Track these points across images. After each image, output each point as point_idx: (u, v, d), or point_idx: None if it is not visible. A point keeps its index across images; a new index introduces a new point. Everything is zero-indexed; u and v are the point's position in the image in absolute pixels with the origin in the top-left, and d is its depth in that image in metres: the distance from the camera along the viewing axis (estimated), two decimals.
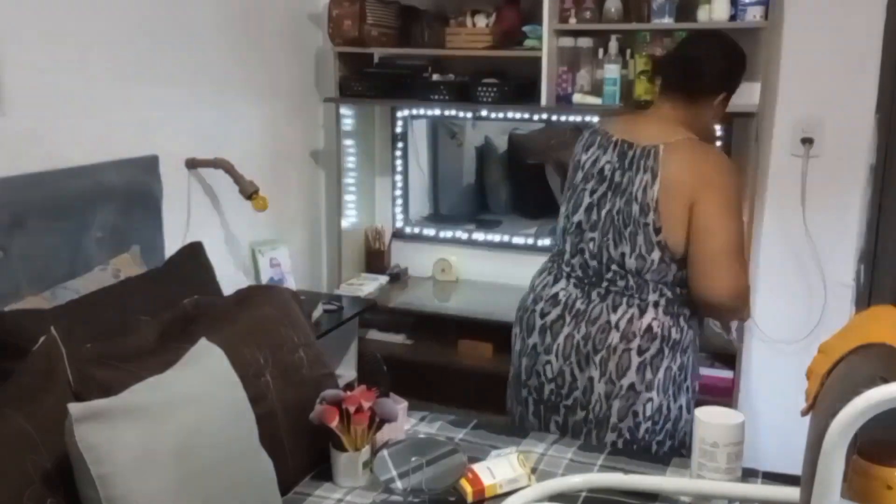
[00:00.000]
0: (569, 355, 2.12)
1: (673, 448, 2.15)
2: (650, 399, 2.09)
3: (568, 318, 2.14)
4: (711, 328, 2.85)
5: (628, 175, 2.07)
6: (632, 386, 2.08)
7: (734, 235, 2.02)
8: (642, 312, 2.07)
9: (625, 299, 2.09)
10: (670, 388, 2.11)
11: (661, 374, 2.09)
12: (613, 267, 2.10)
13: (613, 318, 2.08)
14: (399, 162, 3.47)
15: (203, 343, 1.66)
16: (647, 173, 2.04)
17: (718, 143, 2.92)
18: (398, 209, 3.51)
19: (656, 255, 2.05)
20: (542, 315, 2.18)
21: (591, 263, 2.14)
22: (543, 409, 2.20)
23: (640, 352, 2.07)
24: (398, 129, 3.44)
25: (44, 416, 1.40)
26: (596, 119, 2.97)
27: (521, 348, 2.25)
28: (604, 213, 2.11)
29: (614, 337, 2.08)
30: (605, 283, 2.12)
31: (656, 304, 2.08)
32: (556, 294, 2.18)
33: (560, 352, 2.13)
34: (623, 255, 2.08)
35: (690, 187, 2.00)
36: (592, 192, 2.14)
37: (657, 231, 2.03)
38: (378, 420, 1.87)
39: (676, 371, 2.11)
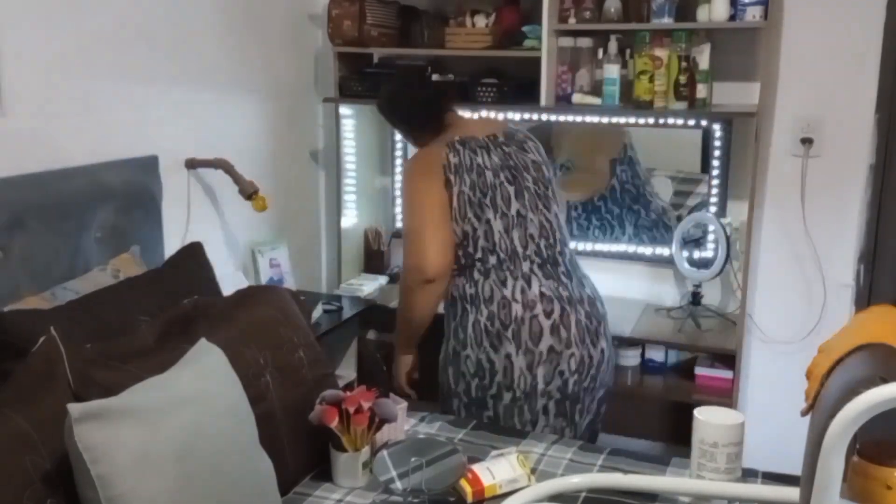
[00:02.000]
0: (583, 338, 2.26)
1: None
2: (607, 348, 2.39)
3: (569, 308, 2.25)
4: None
5: (516, 154, 2.35)
6: (611, 342, 2.39)
7: None
8: (588, 278, 2.40)
9: (577, 272, 2.36)
10: None
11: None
12: (557, 235, 2.33)
13: (586, 291, 2.33)
14: (399, 162, 3.46)
15: (203, 343, 1.66)
16: (528, 141, 2.41)
17: (718, 143, 2.93)
18: (398, 209, 3.51)
19: (560, 200, 2.43)
20: (548, 315, 2.22)
21: (541, 244, 2.30)
22: (568, 405, 2.26)
23: (604, 311, 2.39)
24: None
25: (43, 416, 1.40)
26: (596, 119, 2.98)
27: (530, 361, 2.21)
28: (526, 193, 2.31)
29: (599, 305, 2.36)
30: (558, 257, 2.32)
31: (586, 275, 2.41)
32: (542, 292, 2.25)
33: (577, 340, 2.24)
34: (556, 214, 2.36)
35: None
36: (509, 182, 2.31)
37: (554, 176, 2.43)
38: (378, 420, 1.87)
39: None
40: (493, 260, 2.26)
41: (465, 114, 2.66)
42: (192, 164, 2.68)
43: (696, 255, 3.00)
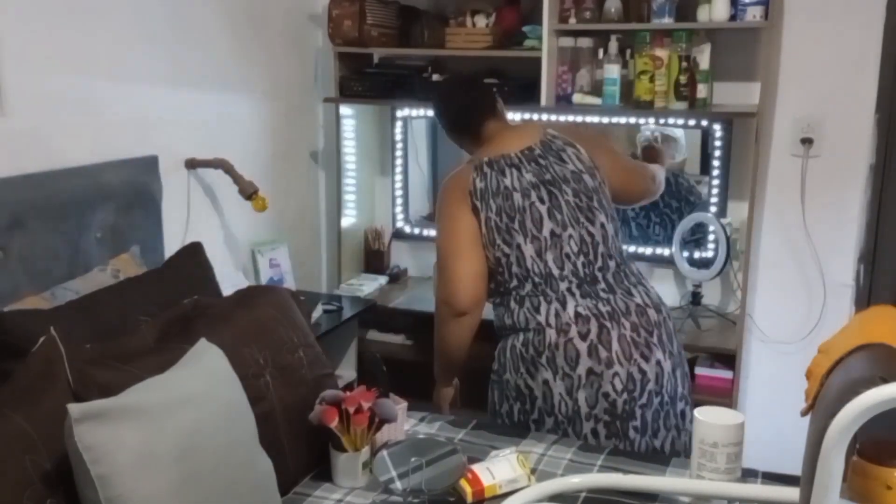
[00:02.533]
0: (630, 355, 2.12)
1: None
2: (684, 357, 2.29)
3: (609, 325, 2.13)
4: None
5: (553, 166, 2.22)
6: (680, 350, 2.25)
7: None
8: (644, 285, 2.26)
9: (625, 280, 2.22)
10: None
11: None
12: (600, 249, 2.20)
13: (636, 300, 2.19)
14: (399, 162, 3.46)
15: (203, 343, 1.66)
16: (568, 148, 2.25)
17: (718, 143, 2.93)
18: (398, 209, 3.51)
19: (613, 209, 2.28)
20: (584, 337, 2.12)
21: (578, 263, 2.18)
22: (619, 423, 2.14)
23: (670, 316, 2.25)
24: (398, 129, 3.44)
25: (43, 416, 1.40)
26: (596, 119, 2.98)
27: (569, 385, 2.13)
28: (564, 207, 2.19)
29: (652, 313, 2.18)
30: (598, 273, 2.19)
31: (642, 279, 2.29)
32: (578, 313, 2.14)
33: (622, 357, 2.12)
34: (602, 225, 2.21)
35: (588, 148, 2.30)
36: (542, 200, 2.19)
37: (604, 183, 2.28)
38: (378, 420, 1.87)
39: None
40: (528, 286, 2.18)
41: (512, 117, 2.55)
42: (192, 164, 2.68)
43: (696, 255, 3.00)
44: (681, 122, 2.90)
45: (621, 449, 2.11)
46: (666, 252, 3.07)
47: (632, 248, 3.14)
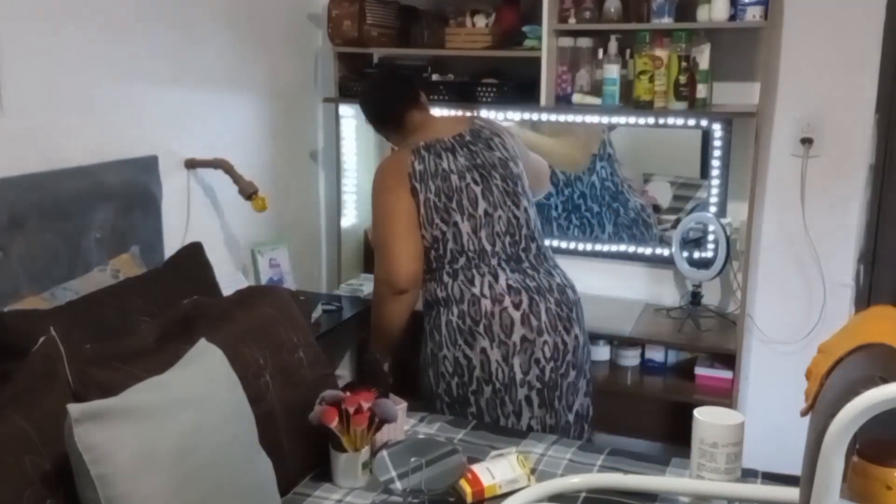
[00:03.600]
0: (555, 326, 2.30)
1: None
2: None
3: (537, 298, 2.30)
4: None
5: (483, 152, 2.37)
6: (585, 328, 2.43)
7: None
8: (559, 268, 2.43)
9: (545, 264, 2.39)
10: None
11: None
12: (524, 231, 2.36)
13: (556, 280, 2.36)
14: None
15: (202, 343, 1.66)
16: (494, 138, 2.41)
17: (718, 143, 2.93)
18: None
19: (530, 193, 2.44)
20: (517, 307, 2.27)
21: (505, 241, 2.34)
22: (547, 392, 2.29)
23: (577, 297, 2.42)
24: None
25: (43, 416, 1.40)
26: (596, 119, 2.98)
27: (504, 352, 2.27)
28: (495, 190, 2.34)
29: (569, 292, 2.38)
30: (522, 253, 2.35)
31: (556, 263, 2.45)
32: (510, 285, 2.30)
33: (549, 327, 2.29)
34: (525, 209, 2.38)
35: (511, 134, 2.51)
36: (476, 182, 2.33)
37: (524, 171, 2.44)
38: (377, 421, 1.87)
39: None
40: (461, 261, 2.31)
41: (435, 112, 2.65)
42: (191, 165, 2.68)
43: (696, 255, 3.00)
44: (680, 122, 2.90)
45: (550, 423, 2.30)
46: (666, 252, 3.07)
47: (631, 248, 3.14)
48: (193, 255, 2.25)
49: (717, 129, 2.91)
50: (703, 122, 2.92)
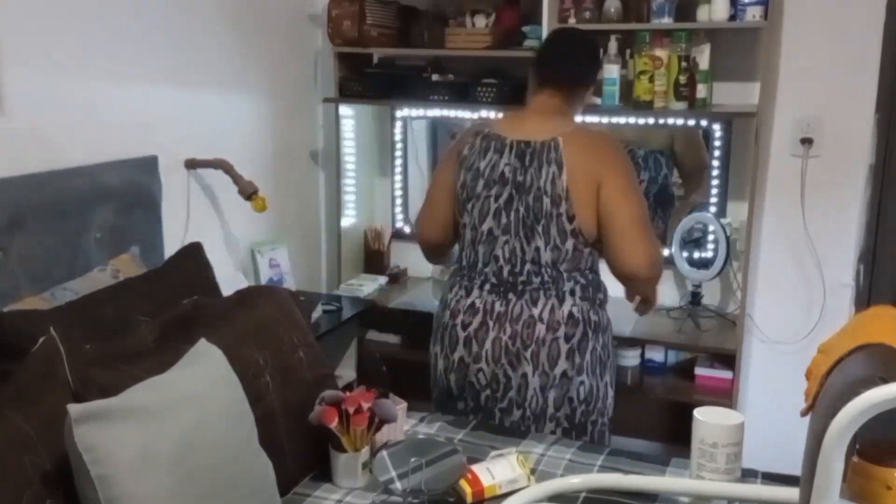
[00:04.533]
0: (499, 358, 2.17)
1: (604, 425, 2.28)
2: (581, 383, 2.19)
3: (491, 324, 2.18)
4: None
5: (531, 172, 2.14)
6: (564, 373, 2.17)
7: (639, 209, 2.15)
8: (561, 302, 2.16)
9: (542, 293, 2.17)
10: (597, 369, 2.22)
11: (588, 357, 2.19)
12: (528, 266, 2.17)
13: (535, 311, 2.16)
14: (398, 162, 3.47)
15: (202, 344, 1.66)
16: (551, 166, 2.12)
17: (718, 143, 2.93)
18: (398, 209, 3.51)
19: (570, 243, 2.14)
20: (464, 327, 2.21)
21: (504, 269, 2.19)
22: (483, 415, 2.24)
23: (567, 339, 2.16)
24: (397, 130, 3.44)
25: (43, 416, 1.40)
26: (595, 119, 2.98)
27: (445, 365, 2.27)
28: (512, 214, 2.17)
29: (540, 329, 2.15)
30: (520, 285, 2.18)
31: (573, 292, 2.18)
32: (473, 304, 2.21)
33: (490, 357, 2.18)
34: (537, 249, 2.15)
35: (595, 171, 2.11)
36: (497, 197, 2.18)
37: (570, 219, 2.12)
38: (377, 421, 1.87)
39: (601, 351, 2.22)
40: (462, 261, 2.30)
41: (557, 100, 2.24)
42: (191, 165, 2.68)
43: (696, 255, 3.00)
44: (680, 122, 2.90)
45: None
46: (665, 252, 3.07)
47: None
48: (193, 255, 2.25)
49: (717, 130, 2.91)
50: (703, 123, 2.92)
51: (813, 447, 1.22)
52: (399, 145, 3.45)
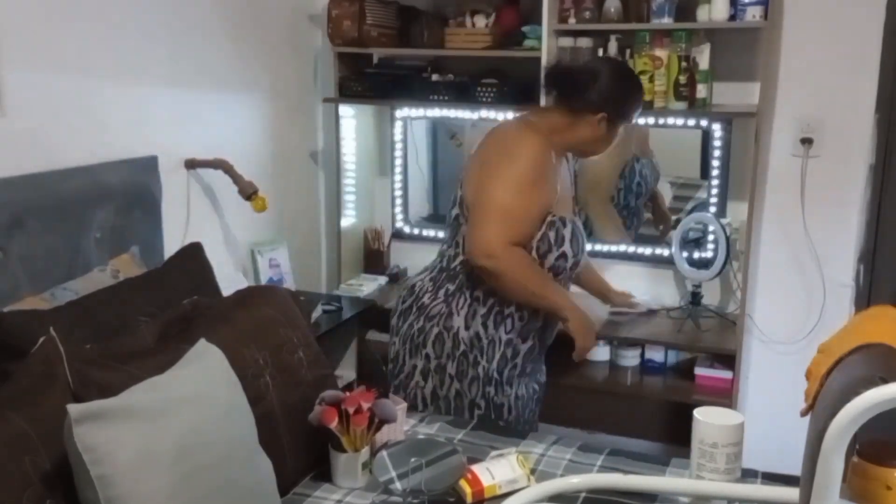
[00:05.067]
0: (406, 341, 2.33)
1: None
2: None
3: (414, 308, 2.32)
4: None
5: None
6: (407, 337, 2.34)
7: (497, 202, 2.14)
8: (432, 283, 2.33)
9: (431, 276, 2.33)
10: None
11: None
12: (444, 249, 2.35)
13: (413, 285, 2.36)
14: (398, 162, 3.46)
15: (202, 344, 1.66)
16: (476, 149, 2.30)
17: (718, 143, 2.92)
18: (398, 209, 3.51)
19: (455, 210, 2.30)
20: (402, 301, 2.38)
21: (443, 252, 2.37)
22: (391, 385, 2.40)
23: (408, 313, 2.35)
24: (397, 130, 3.43)
25: (43, 417, 1.40)
26: None
27: None
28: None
29: (400, 303, 2.37)
30: (443, 275, 2.32)
31: (442, 280, 2.32)
32: (413, 284, 2.37)
33: (401, 335, 2.34)
34: (449, 226, 2.34)
35: (483, 152, 2.26)
36: (461, 185, 2.30)
37: (462, 197, 2.27)
38: (377, 421, 1.86)
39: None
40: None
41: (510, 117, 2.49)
42: (191, 165, 2.68)
43: (696, 255, 3.00)
44: (680, 122, 2.90)
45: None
46: (666, 252, 3.07)
47: (631, 249, 3.14)
48: (193, 255, 2.25)
49: (717, 129, 2.91)
50: (703, 122, 2.92)
51: (813, 447, 1.22)
52: (399, 145, 3.45)
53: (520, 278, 2.17)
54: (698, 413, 1.81)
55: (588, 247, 3.16)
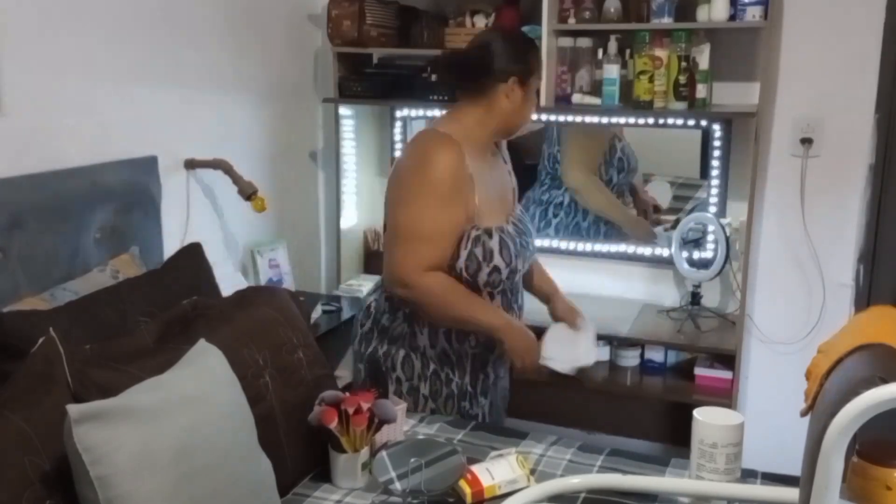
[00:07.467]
0: (373, 366, 2.19)
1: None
2: None
3: (376, 332, 2.22)
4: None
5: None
6: (362, 353, 2.26)
7: (407, 226, 2.06)
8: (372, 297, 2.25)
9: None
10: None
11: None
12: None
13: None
14: None
15: (202, 344, 1.66)
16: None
17: (718, 143, 2.92)
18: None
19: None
20: (360, 324, 2.26)
21: None
22: None
23: (362, 325, 2.27)
24: (397, 130, 3.43)
25: (43, 417, 1.40)
26: (595, 119, 2.98)
27: None
28: None
29: (363, 313, 2.26)
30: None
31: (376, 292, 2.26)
32: (369, 304, 2.24)
33: (366, 360, 2.22)
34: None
35: (395, 170, 2.15)
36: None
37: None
38: (377, 421, 1.86)
39: (381, 356, 2.20)
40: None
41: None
42: (191, 165, 2.68)
43: (696, 255, 3.00)
44: (680, 122, 2.90)
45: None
46: (665, 252, 3.07)
47: (631, 249, 3.14)
48: (193, 255, 2.25)
49: (717, 129, 2.91)
50: (703, 122, 2.92)
51: (813, 447, 1.22)
52: (399, 145, 3.44)
53: (440, 304, 2.06)
54: (698, 413, 1.81)
55: (588, 247, 3.18)
